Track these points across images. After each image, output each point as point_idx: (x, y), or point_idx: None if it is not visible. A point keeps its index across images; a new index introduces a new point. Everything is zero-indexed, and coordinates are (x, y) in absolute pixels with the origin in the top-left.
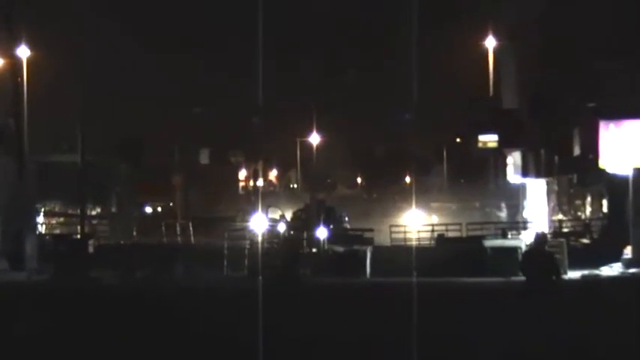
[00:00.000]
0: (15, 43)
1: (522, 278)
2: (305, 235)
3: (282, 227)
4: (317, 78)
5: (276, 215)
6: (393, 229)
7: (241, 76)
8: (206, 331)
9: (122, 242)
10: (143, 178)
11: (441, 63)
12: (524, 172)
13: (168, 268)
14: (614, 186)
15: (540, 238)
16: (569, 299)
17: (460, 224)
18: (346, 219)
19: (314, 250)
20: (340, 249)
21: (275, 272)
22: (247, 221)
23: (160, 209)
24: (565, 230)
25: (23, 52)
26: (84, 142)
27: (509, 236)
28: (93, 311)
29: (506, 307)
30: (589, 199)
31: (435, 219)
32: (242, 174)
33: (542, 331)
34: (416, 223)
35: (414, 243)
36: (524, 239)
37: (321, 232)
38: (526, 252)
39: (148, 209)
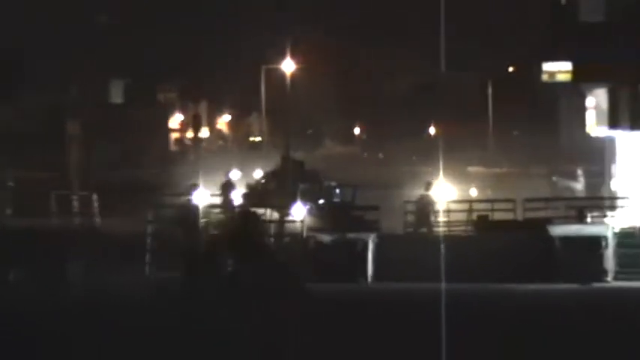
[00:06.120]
0: None
1: (611, 285)
2: (272, 215)
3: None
4: None
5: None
6: (409, 207)
7: None
8: None
9: None
10: (18, 125)
11: None
12: (614, 121)
13: (58, 268)
14: None
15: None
16: None
17: (513, 201)
18: (337, 191)
19: (286, 239)
20: (327, 238)
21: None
22: (184, 194)
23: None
24: None
25: None
26: None
27: (589, 220)
28: None
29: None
30: None
31: (474, 192)
32: (176, 120)
33: None
34: (444, 198)
35: (441, 229)
36: (612, 224)
37: (299, 212)
38: None
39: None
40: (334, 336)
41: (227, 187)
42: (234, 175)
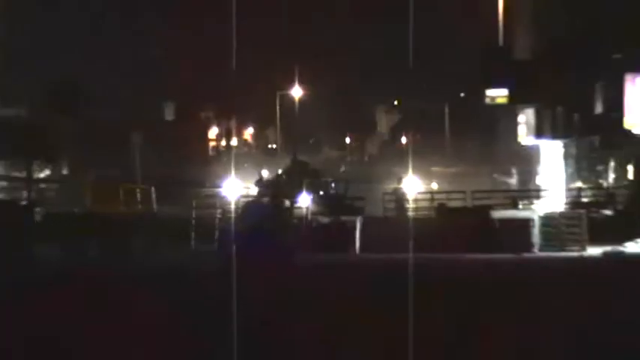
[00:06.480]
0: None
1: (537, 255)
2: (285, 202)
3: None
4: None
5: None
6: (387, 197)
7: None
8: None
9: (76, 211)
10: (92, 136)
11: (448, 7)
12: (539, 133)
13: (125, 243)
14: None
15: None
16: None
17: (464, 192)
18: (332, 185)
19: (295, 220)
20: (325, 220)
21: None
22: (219, 186)
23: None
24: (584, 200)
25: None
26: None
27: (521, 206)
28: None
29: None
30: (612, 164)
31: (435, 186)
32: (213, 132)
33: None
34: (413, 190)
35: (410, 213)
36: (538, 209)
37: (304, 200)
38: None
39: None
40: (334, 287)
41: (260, 181)
42: (264, 173)
